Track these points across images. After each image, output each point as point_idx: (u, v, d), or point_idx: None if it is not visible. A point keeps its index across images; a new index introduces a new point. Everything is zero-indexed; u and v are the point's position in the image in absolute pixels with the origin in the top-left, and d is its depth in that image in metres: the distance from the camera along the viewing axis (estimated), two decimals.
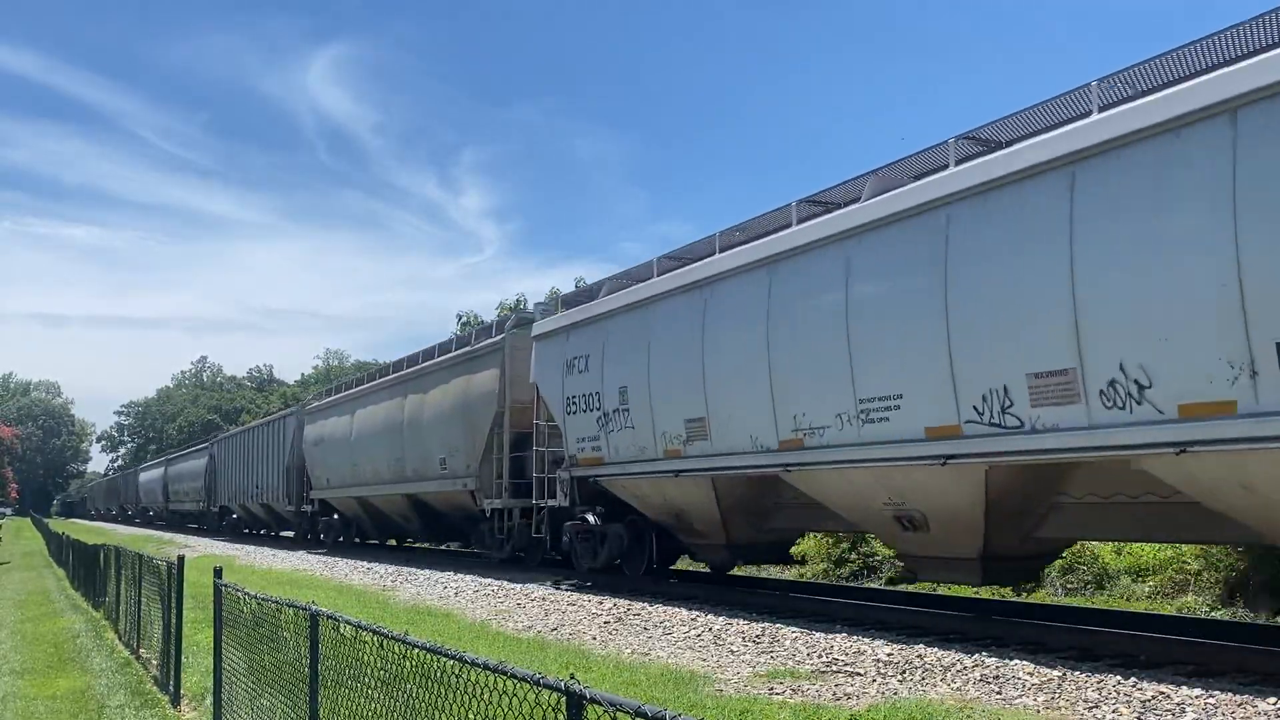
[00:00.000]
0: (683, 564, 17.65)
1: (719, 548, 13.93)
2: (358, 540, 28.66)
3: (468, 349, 20.47)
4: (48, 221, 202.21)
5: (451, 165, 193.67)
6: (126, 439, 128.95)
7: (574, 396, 15.52)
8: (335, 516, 29.39)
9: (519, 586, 15.82)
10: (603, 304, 15.16)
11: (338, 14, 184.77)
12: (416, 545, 28.12)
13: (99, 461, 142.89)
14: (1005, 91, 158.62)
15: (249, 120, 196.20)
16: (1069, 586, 14.44)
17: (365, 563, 22.80)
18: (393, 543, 28.97)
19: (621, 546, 15.21)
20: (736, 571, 18.42)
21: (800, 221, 11.52)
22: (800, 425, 11.11)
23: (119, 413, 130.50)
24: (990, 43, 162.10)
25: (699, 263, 13.28)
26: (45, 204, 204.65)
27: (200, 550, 29.88)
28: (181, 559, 9.61)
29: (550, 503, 16.88)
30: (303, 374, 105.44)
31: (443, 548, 27.23)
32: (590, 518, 15.63)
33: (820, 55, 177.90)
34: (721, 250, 12.90)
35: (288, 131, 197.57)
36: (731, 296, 12.30)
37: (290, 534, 34.79)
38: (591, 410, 15.05)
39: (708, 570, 16.35)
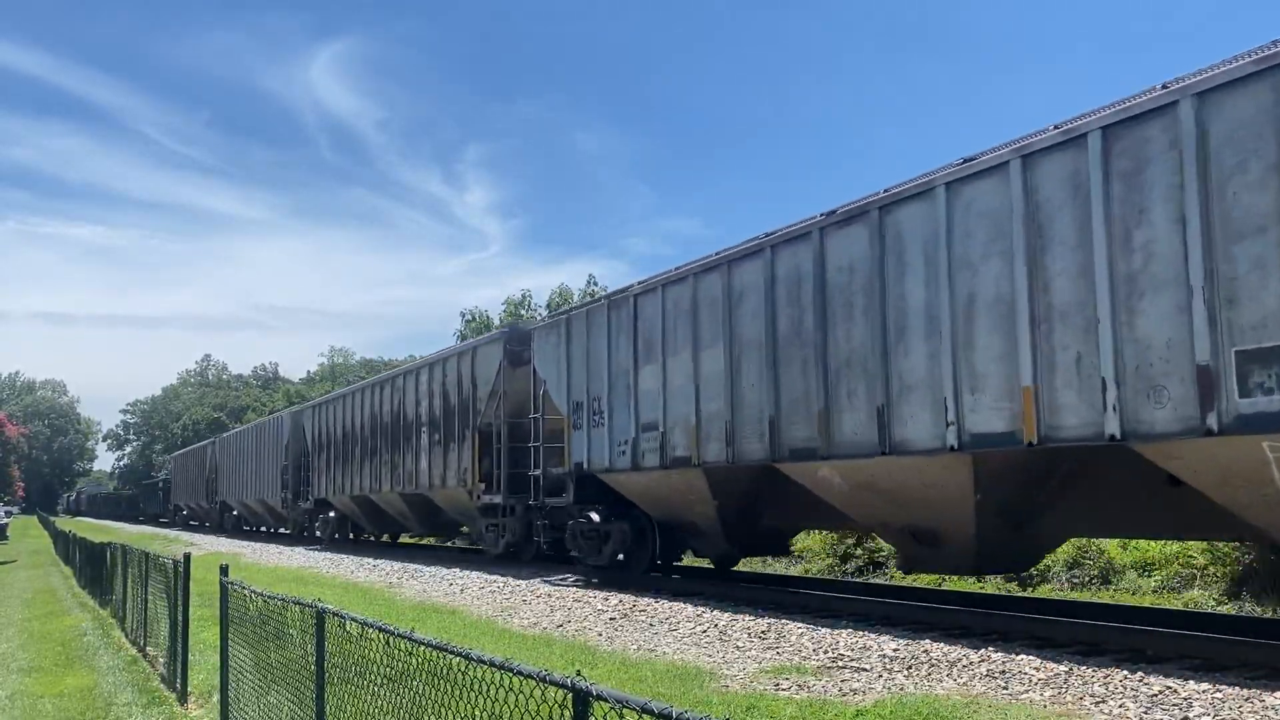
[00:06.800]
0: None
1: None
2: None
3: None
4: (52, 220, 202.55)
5: (455, 161, 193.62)
6: (132, 437, 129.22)
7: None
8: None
9: (524, 583, 15.84)
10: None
11: (340, 10, 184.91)
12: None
13: (104, 460, 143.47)
14: (1014, 94, 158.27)
15: (252, 117, 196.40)
16: (1075, 581, 14.35)
17: (371, 559, 22.90)
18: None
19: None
20: (741, 567, 18.41)
21: None
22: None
23: (125, 411, 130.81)
24: (1003, 47, 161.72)
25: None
26: (49, 203, 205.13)
27: (206, 548, 29.99)
28: (188, 557, 9.63)
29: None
30: (308, 371, 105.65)
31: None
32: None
33: (830, 53, 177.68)
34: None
35: (291, 128, 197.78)
36: None
37: None
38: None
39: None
